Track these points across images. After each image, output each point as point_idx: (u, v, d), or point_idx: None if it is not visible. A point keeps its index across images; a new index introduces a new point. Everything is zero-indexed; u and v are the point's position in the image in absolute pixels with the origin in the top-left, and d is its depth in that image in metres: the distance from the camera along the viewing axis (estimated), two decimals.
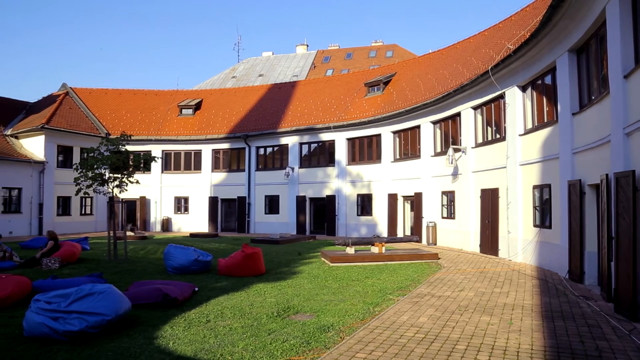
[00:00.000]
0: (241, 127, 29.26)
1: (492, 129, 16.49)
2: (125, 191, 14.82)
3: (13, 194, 24.77)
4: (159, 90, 34.73)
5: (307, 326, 6.67)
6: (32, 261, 12.77)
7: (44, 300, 6.19)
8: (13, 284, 8.11)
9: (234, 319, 7.11)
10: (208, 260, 12.15)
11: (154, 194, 29.83)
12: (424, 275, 11.46)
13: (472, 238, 17.05)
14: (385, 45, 52.44)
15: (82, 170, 14.28)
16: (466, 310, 7.74)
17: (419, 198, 20.98)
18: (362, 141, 25.27)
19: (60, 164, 26.91)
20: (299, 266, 13.15)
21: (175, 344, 5.87)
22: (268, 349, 5.65)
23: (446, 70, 21.41)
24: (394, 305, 8.05)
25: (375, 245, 14.91)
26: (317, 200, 26.75)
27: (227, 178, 29.62)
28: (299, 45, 56.95)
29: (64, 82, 32.07)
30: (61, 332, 5.87)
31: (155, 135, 29.84)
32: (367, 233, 23.54)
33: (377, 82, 26.44)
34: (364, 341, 5.96)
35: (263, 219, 28.29)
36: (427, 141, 20.72)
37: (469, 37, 22.88)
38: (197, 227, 29.21)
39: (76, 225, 27.02)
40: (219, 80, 53.03)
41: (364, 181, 24.79)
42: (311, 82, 33.74)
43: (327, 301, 8.42)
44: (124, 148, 15.45)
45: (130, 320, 6.80)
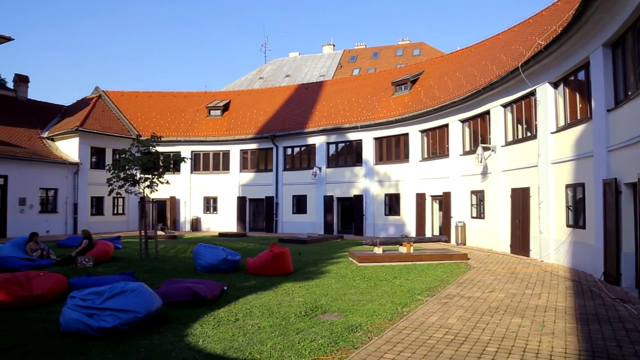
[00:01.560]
0: (269, 128, 29.46)
1: (522, 127, 16.16)
2: (155, 191, 15.09)
3: (50, 195, 25.58)
4: (188, 92, 35.29)
5: (335, 326, 6.66)
6: (68, 259, 13.16)
7: (79, 297, 6.36)
8: (51, 281, 8.37)
9: (262, 318, 7.16)
10: (236, 259, 12.27)
11: (184, 194, 30.33)
12: (453, 276, 11.31)
13: (503, 238, 16.73)
14: (412, 43, 51.97)
15: (115, 171, 14.60)
16: (497, 311, 7.59)
17: (447, 197, 20.73)
18: (390, 140, 25.11)
19: (94, 165, 27.65)
20: (327, 266, 13.15)
21: (204, 341, 5.95)
22: (296, 348, 5.67)
23: (475, 67, 21.07)
24: (422, 306, 7.97)
25: (403, 245, 14.80)
26: (345, 200, 26.72)
27: (255, 178, 29.88)
28: (325, 45, 57.01)
29: (96, 86, 33.01)
30: (95, 328, 6.02)
31: (184, 136, 30.35)
32: (395, 233, 23.38)
33: (404, 80, 26.22)
34: (392, 342, 5.92)
35: (291, 218, 28.41)
36: (456, 140, 20.45)
37: (498, 34, 22.46)
38: (226, 226, 29.55)
39: (109, 224, 27.71)
40: (246, 81, 53.53)
41: (391, 181, 24.63)
42: (338, 81, 33.71)
43: (355, 301, 8.40)
44: (154, 149, 15.74)
45: (161, 318, 6.92)
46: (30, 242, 13.97)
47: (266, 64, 57.78)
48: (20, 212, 23.83)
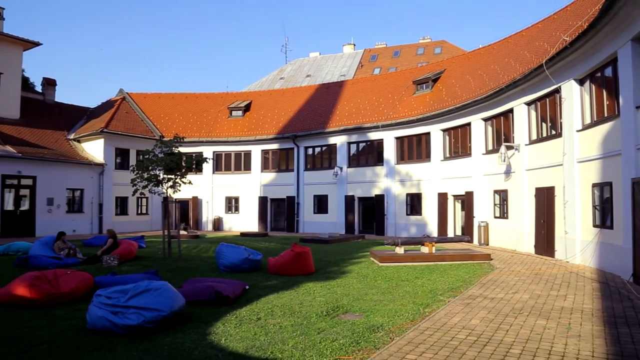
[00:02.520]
0: (290, 128, 29.56)
1: (547, 125, 15.86)
2: (178, 191, 15.27)
3: (76, 195, 26.14)
4: (210, 93, 35.65)
5: (356, 326, 6.65)
6: (93, 258, 13.41)
7: (104, 295, 6.49)
8: (77, 280, 8.55)
9: (283, 317, 7.19)
10: (258, 259, 12.34)
11: (206, 194, 30.65)
12: (475, 277, 11.17)
13: (527, 238, 16.46)
14: (434, 41, 51.52)
15: (138, 171, 14.80)
16: (521, 313, 7.47)
17: (470, 197, 20.49)
18: (411, 140, 24.94)
19: (118, 165, 28.14)
20: (348, 266, 13.14)
21: (227, 340, 6.01)
22: (317, 348, 5.67)
23: (497, 65, 20.77)
24: (444, 307, 7.89)
25: (425, 245, 14.68)
26: (366, 200, 26.64)
27: (276, 178, 30.01)
28: (346, 44, 56.94)
29: (121, 88, 33.57)
30: (120, 325, 6.13)
31: (206, 137, 30.66)
32: (417, 233, 23.22)
33: (425, 79, 26.01)
34: (414, 342, 5.88)
35: (312, 218, 28.46)
36: (478, 139, 20.19)
37: (521, 31, 22.09)
38: (247, 226, 29.77)
39: (133, 224, 28.17)
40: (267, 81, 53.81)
41: (413, 180, 24.46)
42: (358, 81, 33.63)
43: (377, 301, 8.36)
44: (177, 150, 15.93)
45: (184, 317, 7.01)
46: (58, 241, 14.31)
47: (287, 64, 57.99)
48: (48, 212, 24.41)
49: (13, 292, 7.79)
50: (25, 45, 27.44)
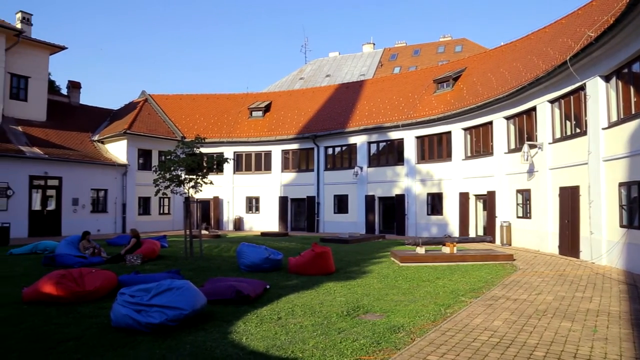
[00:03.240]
0: (310, 128, 29.61)
1: (571, 123, 15.56)
2: (200, 192, 15.41)
3: (100, 195, 26.64)
4: (230, 94, 35.94)
5: (377, 326, 6.62)
6: (117, 257, 13.65)
7: (128, 293, 6.59)
8: (102, 278, 8.71)
9: (304, 317, 7.21)
10: (279, 258, 12.39)
11: (227, 194, 30.91)
12: (498, 277, 11.02)
13: (550, 239, 16.17)
14: (454, 39, 51.00)
15: (161, 172, 14.98)
16: (544, 315, 7.34)
17: (492, 197, 20.22)
18: (432, 139, 24.74)
19: (141, 166, 28.58)
20: (369, 266, 13.10)
21: (248, 339, 6.05)
22: (338, 348, 5.67)
23: (520, 62, 20.45)
24: (466, 308, 7.81)
25: (446, 245, 14.56)
26: (386, 200, 26.52)
27: (296, 178, 30.09)
28: (365, 44, 56.75)
29: (143, 90, 34.15)
30: (143, 323, 6.22)
31: (227, 137, 30.92)
32: (438, 233, 23.02)
33: (446, 78, 25.77)
34: (436, 343, 5.83)
35: (332, 218, 28.46)
36: (500, 138, 19.92)
37: (544, 27, 21.71)
38: (268, 226, 29.91)
39: (155, 224, 28.58)
40: (287, 82, 53.98)
41: (434, 180, 24.27)
42: (378, 80, 33.50)
43: (397, 301, 8.32)
44: (198, 150, 16.08)
45: (206, 315, 7.07)
46: (83, 240, 14.61)
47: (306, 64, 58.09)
48: (73, 212, 24.94)
49: (41, 289, 7.99)
50: (51, 49, 28.11)
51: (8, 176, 22.25)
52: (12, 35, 25.33)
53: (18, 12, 28.27)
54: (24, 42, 26.25)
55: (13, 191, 22.42)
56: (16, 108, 26.05)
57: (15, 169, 22.52)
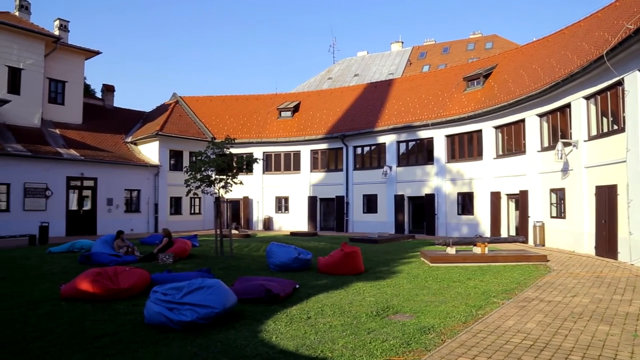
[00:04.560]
0: (338, 128, 29.60)
1: (608, 120, 15.07)
2: (230, 192, 15.60)
3: (133, 195, 27.29)
4: (259, 94, 36.25)
5: (407, 327, 6.57)
6: (150, 256, 13.93)
7: (161, 291, 6.72)
8: (135, 276, 8.93)
9: (333, 317, 7.21)
10: (308, 258, 12.42)
11: (256, 194, 31.19)
12: (531, 279, 10.77)
13: (586, 239, 15.71)
14: (484, 36, 50.07)
15: (192, 172, 15.23)
16: (580, 317, 7.14)
17: (524, 196, 19.79)
18: (462, 138, 24.39)
19: (172, 167, 29.13)
20: (398, 266, 13.00)
21: (277, 338, 6.09)
22: (367, 348, 5.65)
23: (553, 58, 19.94)
24: (498, 309, 7.66)
25: (477, 245, 14.32)
26: (416, 199, 26.28)
27: (325, 178, 30.13)
28: (393, 42, 56.26)
29: (174, 92, 34.77)
30: (175, 321, 6.34)
31: (256, 137, 31.21)
32: (469, 233, 22.68)
33: (476, 75, 25.35)
34: (467, 345, 5.74)
35: (361, 218, 28.38)
36: (533, 135, 19.47)
37: (579, 21, 21.07)
38: (297, 226, 30.05)
39: (186, 223, 29.06)
40: (315, 82, 54.07)
41: (464, 179, 23.91)
42: (407, 79, 33.22)
43: (428, 302, 8.24)
44: (228, 151, 16.28)
45: (236, 314, 7.15)
46: (117, 239, 14.98)
47: (334, 64, 58.03)
48: (108, 212, 25.63)
49: (78, 287, 8.25)
50: (87, 54, 28.97)
51: (47, 177, 23.05)
52: (50, 42, 26.26)
53: (56, 20, 29.23)
54: (61, 48, 27.16)
55: (51, 192, 23.20)
56: (54, 111, 26.97)
57: (53, 170, 23.31)
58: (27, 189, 22.39)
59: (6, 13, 26.21)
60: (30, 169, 22.51)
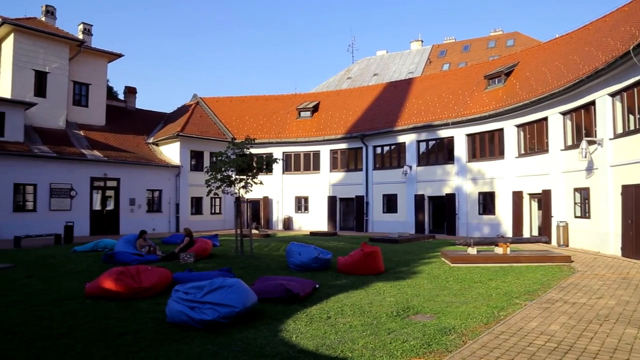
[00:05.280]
0: (358, 127, 29.54)
1: (635, 117, 14.71)
2: (250, 192, 15.68)
3: (155, 195, 27.67)
4: (279, 95, 36.39)
5: (427, 327, 6.52)
6: (171, 255, 14.10)
7: (182, 290, 6.80)
8: (157, 275, 9.06)
9: (353, 317, 7.19)
10: (328, 258, 12.41)
11: (276, 194, 31.33)
12: (554, 280, 10.59)
13: (612, 240, 15.36)
14: (506, 34, 49.38)
15: (212, 172, 15.37)
16: (606, 320, 6.98)
17: (547, 196, 19.45)
18: (483, 137, 24.09)
19: (193, 167, 29.45)
20: (419, 266, 12.92)
21: (297, 338, 6.10)
22: (388, 349, 5.62)
23: (577, 55, 19.56)
24: (521, 310, 7.55)
25: (499, 245, 14.13)
26: (436, 199, 26.07)
27: (345, 177, 30.10)
28: (413, 41, 55.89)
29: (194, 93, 35.18)
30: (197, 320, 6.41)
31: (276, 138, 31.35)
32: (490, 233, 22.40)
33: (497, 73, 25.01)
34: (489, 347, 5.67)
35: (381, 217, 28.26)
36: (556, 134, 19.12)
37: (603, 16, 20.62)
38: (317, 225, 30.08)
39: (207, 223, 29.35)
40: (334, 82, 54.05)
41: (485, 178, 23.63)
42: (427, 78, 32.97)
43: (448, 303, 8.16)
44: (248, 151, 16.38)
45: (256, 313, 7.19)
46: (140, 238, 15.19)
47: (354, 63, 57.92)
48: (130, 212, 26.03)
49: (102, 285, 8.41)
50: (109, 57, 29.50)
51: (71, 178, 23.53)
52: (75, 45, 26.84)
53: (80, 24, 29.84)
54: (85, 51, 27.72)
55: (76, 192, 23.68)
56: (78, 113, 27.54)
57: (77, 171, 23.79)
58: (53, 190, 22.90)
59: (33, 19, 26.88)
60: (56, 170, 23.01)
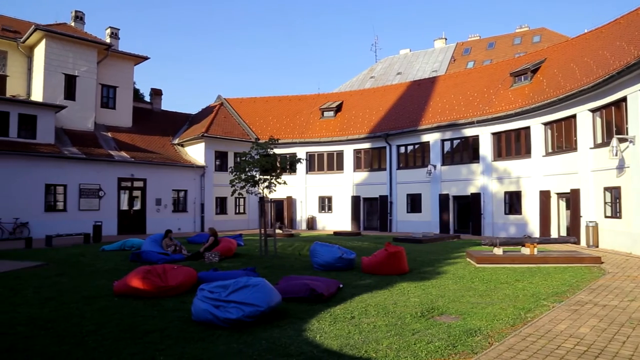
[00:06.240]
0: (381, 127, 29.40)
1: None
2: (274, 191, 15.75)
3: (180, 195, 28.08)
4: (302, 95, 36.48)
5: (452, 328, 6.45)
6: (196, 255, 14.27)
7: (207, 289, 6.88)
8: (183, 274, 9.19)
9: (377, 317, 7.16)
10: (352, 258, 12.38)
11: (300, 194, 31.42)
12: (584, 281, 10.33)
13: None
14: (532, 30, 48.41)
15: (236, 173, 15.50)
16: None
17: (575, 195, 19.01)
18: (509, 135, 23.69)
19: (217, 167, 29.77)
20: (443, 266, 12.78)
21: (321, 337, 6.10)
22: (412, 349, 5.58)
23: (607, 50, 19.05)
24: (549, 312, 7.40)
25: (526, 246, 13.87)
26: (461, 199, 25.76)
27: (368, 177, 30.00)
28: (437, 39, 55.31)
29: (219, 94, 35.50)
30: (222, 319, 6.47)
31: (299, 138, 31.43)
32: (516, 233, 22.02)
33: (524, 70, 24.57)
34: (516, 349, 5.57)
35: (405, 217, 28.08)
36: (585, 132, 18.67)
37: (636, 9, 20.02)
38: (340, 225, 30.05)
39: (231, 223, 29.63)
40: (357, 81, 53.91)
41: (511, 177, 23.23)
42: (451, 76, 32.58)
43: (474, 304, 8.05)
44: (272, 151, 16.46)
45: (281, 313, 7.22)
46: (166, 238, 15.44)
47: (377, 63, 57.65)
48: (156, 212, 26.47)
49: (129, 283, 8.58)
50: (135, 60, 30.08)
51: (100, 178, 24.07)
52: (102, 49, 27.48)
53: (107, 28, 30.52)
54: (113, 54, 28.34)
55: (104, 192, 24.20)
56: (106, 115, 28.16)
57: (105, 172, 24.32)
58: (82, 190, 23.46)
59: (63, 24, 27.62)
60: (85, 171, 23.58)
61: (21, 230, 21.00)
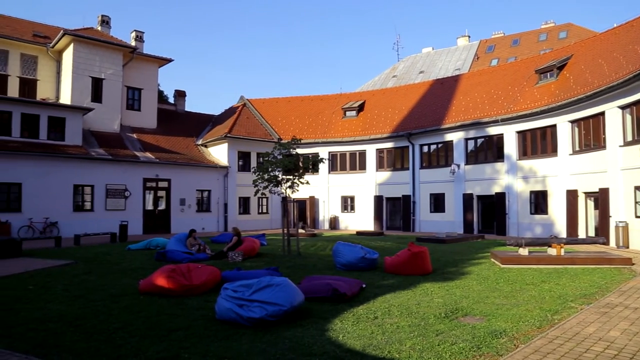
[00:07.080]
0: (404, 126, 29.22)
1: None
2: (296, 191, 15.80)
3: (204, 195, 28.41)
4: (324, 95, 36.51)
5: (477, 330, 6.37)
6: (220, 254, 14.42)
7: (231, 288, 6.94)
8: (207, 273, 9.30)
9: (401, 317, 7.12)
10: (375, 257, 12.33)
11: (322, 193, 31.45)
12: (613, 283, 10.07)
13: None
14: (558, 25, 47.44)
15: (259, 173, 15.61)
16: None
17: (604, 194, 18.55)
18: (534, 133, 23.27)
19: (240, 168, 30.02)
20: (467, 267, 12.63)
21: (344, 337, 6.10)
22: (436, 350, 5.53)
23: (638, 45, 18.55)
24: (577, 315, 7.24)
25: (552, 246, 13.60)
26: (485, 198, 25.41)
27: (391, 177, 29.84)
28: (460, 37, 54.69)
29: (241, 95, 35.85)
30: (245, 317, 6.52)
31: (322, 137, 31.47)
32: (542, 233, 21.61)
33: (549, 67, 24.09)
34: (542, 351, 5.46)
35: (428, 217, 27.84)
36: (614, 129, 18.20)
37: None
38: (363, 225, 29.97)
39: (254, 222, 29.83)
40: (380, 80, 53.67)
41: (537, 177, 22.81)
42: (475, 74, 32.18)
43: (499, 305, 7.93)
44: (294, 151, 16.51)
45: (303, 312, 7.24)
46: (190, 237, 15.63)
47: (399, 61, 57.31)
48: (181, 211, 26.85)
49: (154, 282, 8.72)
50: (160, 62, 30.56)
51: (126, 179, 24.53)
52: (128, 52, 28.03)
53: (132, 32, 31.09)
54: (137, 57, 28.86)
55: (130, 192, 24.66)
56: (131, 117, 28.69)
57: (131, 172, 24.77)
58: (109, 190, 23.95)
59: (90, 29, 28.25)
60: (111, 172, 24.06)
61: (51, 229, 21.57)
